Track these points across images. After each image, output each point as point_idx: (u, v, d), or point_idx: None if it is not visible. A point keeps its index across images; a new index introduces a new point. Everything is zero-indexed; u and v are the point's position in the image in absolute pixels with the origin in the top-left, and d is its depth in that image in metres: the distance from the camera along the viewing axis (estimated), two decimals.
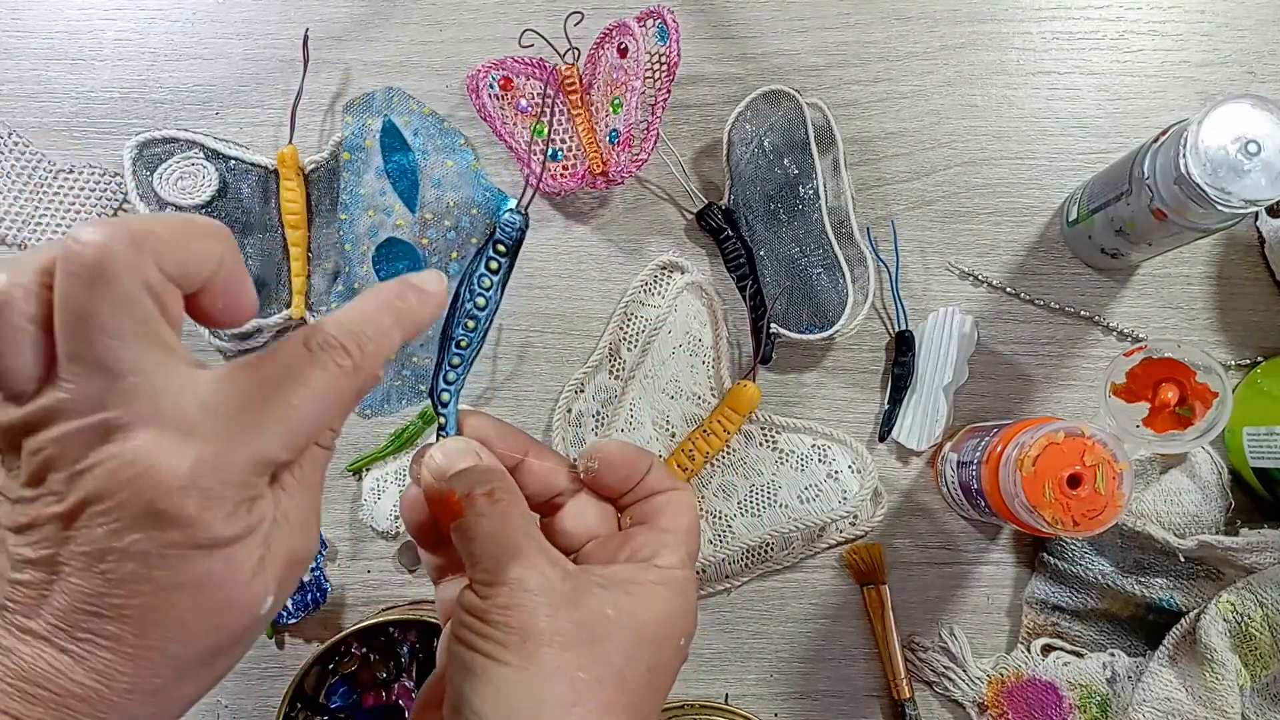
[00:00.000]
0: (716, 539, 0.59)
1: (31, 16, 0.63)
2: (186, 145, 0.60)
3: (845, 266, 0.59)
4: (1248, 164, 0.47)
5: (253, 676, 0.60)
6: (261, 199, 0.61)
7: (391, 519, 0.59)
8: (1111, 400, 0.53)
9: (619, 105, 0.58)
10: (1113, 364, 0.53)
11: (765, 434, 0.60)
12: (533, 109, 0.61)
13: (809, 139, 0.59)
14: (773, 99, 0.60)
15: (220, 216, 0.59)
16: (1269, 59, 0.63)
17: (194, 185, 0.59)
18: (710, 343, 0.60)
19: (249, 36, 0.63)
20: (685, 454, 0.59)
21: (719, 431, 0.59)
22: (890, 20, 0.63)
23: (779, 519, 0.58)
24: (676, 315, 0.58)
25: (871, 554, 0.60)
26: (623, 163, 0.58)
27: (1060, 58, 0.63)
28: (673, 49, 0.57)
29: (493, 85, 0.60)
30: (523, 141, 0.60)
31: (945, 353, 0.60)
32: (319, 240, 0.61)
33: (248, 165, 0.61)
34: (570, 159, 0.60)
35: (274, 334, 0.61)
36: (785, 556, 0.60)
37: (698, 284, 0.59)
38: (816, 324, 0.59)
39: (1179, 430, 0.53)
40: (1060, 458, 0.49)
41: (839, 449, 0.59)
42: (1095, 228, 0.58)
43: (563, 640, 0.32)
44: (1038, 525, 0.50)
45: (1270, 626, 0.55)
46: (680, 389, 0.60)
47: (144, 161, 0.59)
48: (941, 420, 0.60)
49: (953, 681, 0.59)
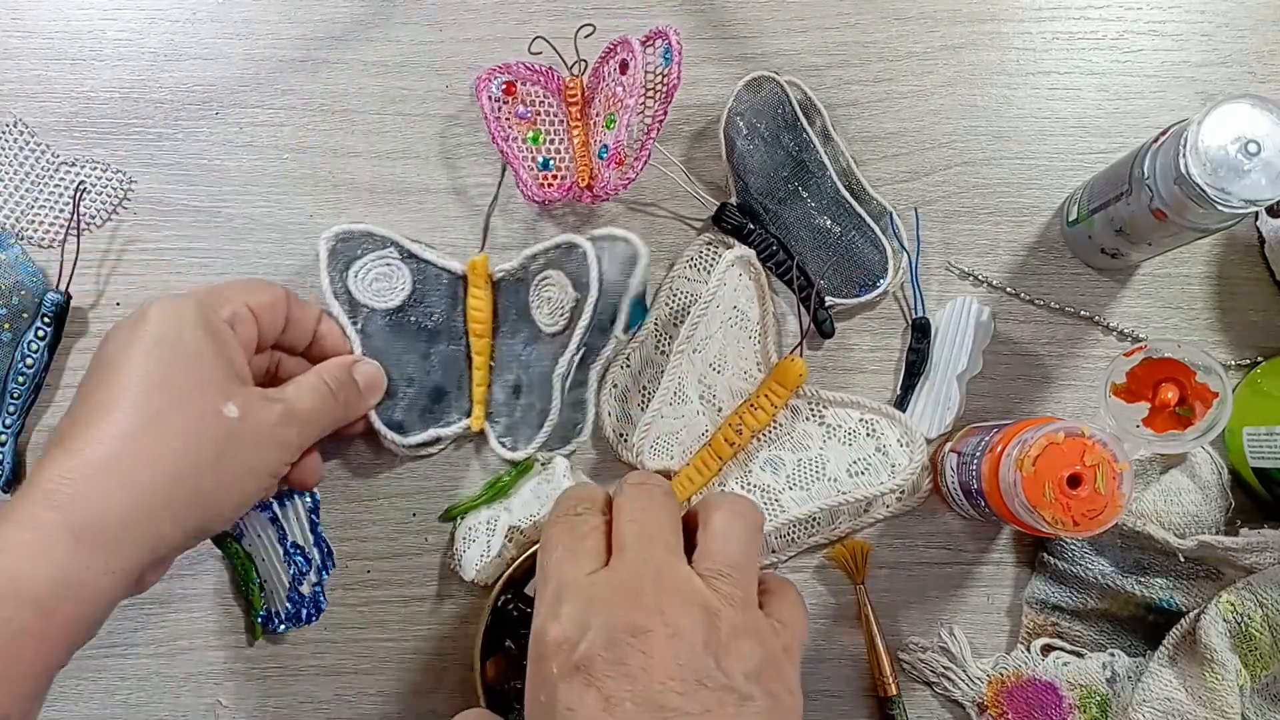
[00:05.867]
0: (765, 513, 0.59)
1: (31, 16, 0.63)
2: (383, 243, 0.58)
3: (871, 221, 0.60)
4: (1248, 164, 0.48)
5: (253, 676, 0.60)
6: (449, 305, 0.60)
7: (476, 568, 0.58)
8: (1111, 400, 0.53)
9: (613, 122, 0.58)
10: (1113, 364, 0.53)
11: (812, 408, 0.60)
12: (531, 116, 0.61)
13: (796, 113, 0.60)
14: (754, 86, 0.60)
15: (410, 321, 0.59)
16: (1269, 59, 0.63)
17: (388, 288, 0.58)
18: (756, 318, 0.60)
19: (249, 36, 0.63)
20: (732, 428, 0.60)
21: (766, 406, 0.59)
22: (890, 20, 0.63)
23: (828, 492, 0.58)
24: (724, 290, 0.58)
25: (854, 552, 0.60)
26: (610, 180, 0.58)
27: (1060, 58, 0.63)
28: (674, 71, 0.56)
29: (495, 89, 0.60)
30: (517, 147, 0.60)
31: (961, 341, 0.61)
32: (501, 351, 0.60)
33: (438, 269, 0.59)
34: (561, 170, 0.60)
35: (450, 443, 0.61)
36: (831, 530, 0.60)
37: (745, 258, 0.59)
38: (867, 283, 0.60)
39: (1179, 430, 0.53)
40: (1060, 457, 0.49)
41: (887, 423, 0.59)
42: (1095, 228, 0.58)
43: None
44: (1038, 525, 0.50)
45: (1270, 626, 0.55)
46: (726, 363, 0.60)
47: (338, 256, 0.58)
48: (953, 409, 0.60)
49: (952, 681, 0.60)
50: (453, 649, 0.61)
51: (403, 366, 0.59)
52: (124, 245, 0.62)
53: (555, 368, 0.57)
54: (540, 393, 0.58)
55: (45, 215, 0.61)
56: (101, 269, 0.62)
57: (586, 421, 0.60)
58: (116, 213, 0.62)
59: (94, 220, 0.62)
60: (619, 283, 0.56)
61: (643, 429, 0.58)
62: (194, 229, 0.62)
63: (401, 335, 0.59)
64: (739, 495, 0.51)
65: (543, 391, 0.58)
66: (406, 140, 0.62)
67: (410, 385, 0.59)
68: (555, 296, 0.57)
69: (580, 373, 0.59)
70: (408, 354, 0.59)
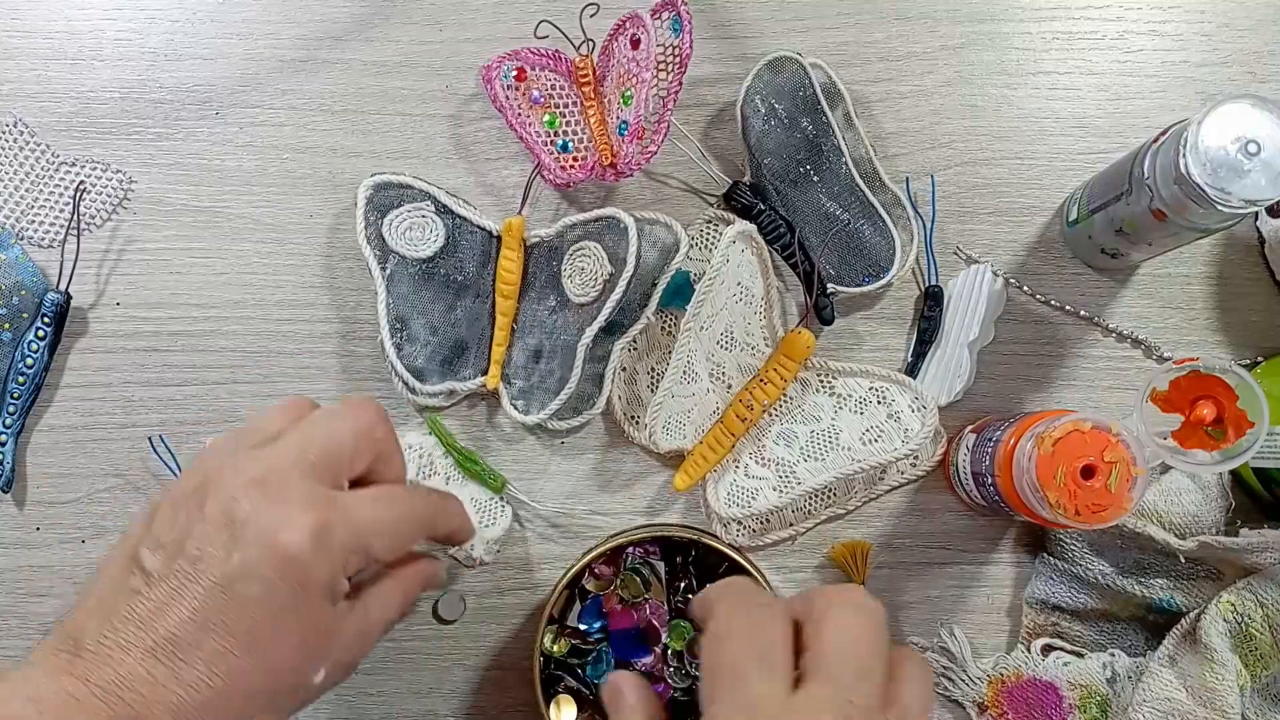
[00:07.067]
0: (781, 486, 0.59)
1: (31, 16, 0.63)
2: (420, 195, 0.60)
3: (884, 211, 0.60)
4: (1248, 164, 0.47)
5: None
6: (480, 262, 0.60)
7: None
8: (1147, 405, 0.52)
9: (629, 98, 0.58)
10: (1159, 369, 0.52)
11: (821, 380, 0.60)
12: (545, 100, 0.61)
13: (818, 96, 0.60)
14: (775, 67, 0.60)
15: (440, 273, 0.60)
16: (1269, 59, 0.63)
17: (421, 238, 0.59)
18: (761, 293, 0.60)
19: (249, 36, 0.63)
20: (744, 404, 0.60)
21: (775, 380, 0.60)
22: (890, 20, 0.63)
23: (843, 461, 0.58)
24: (728, 266, 0.58)
25: (854, 552, 0.60)
26: (632, 155, 0.58)
27: (1060, 58, 0.63)
28: (685, 40, 0.57)
29: (507, 76, 0.60)
30: (535, 133, 0.60)
31: (973, 310, 0.61)
32: (526, 314, 0.61)
33: (474, 226, 0.60)
34: (581, 150, 0.61)
35: (465, 397, 0.61)
36: (847, 500, 0.61)
37: (746, 233, 0.59)
38: (871, 273, 0.60)
39: (1205, 451, 0.52)
40: (1081, 445, 0.49)
41: (898, 389, 0.59)
42: (1095, 228, 0.58)
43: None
44: (1039, 508, 0.50)
45: (1270, 626, 0.55)
46: (734, 340, 0.60)
47: (375, 204, 0.59)
48: (964, 377, 0.61)
49: (953, 682, 0.60)
50: (453, 649, 0.61)
51: (428, 315, 0.59)
52: (124, 245, 0.62)
53: (580, 337, 0.57)
54: (562, 359, 0.58)
55: (45, 215, 0.61)
56: (101, 269, 0.62)
57: (601, 396, 0.60)
58: (116, 213, 0.62)
59: (94, 220, 0.62)
60: (655, 266, 0.57)
61: (654, 409, 0.58)
62: (194, 229, 0.62)
63: (430, 284, 0.59)
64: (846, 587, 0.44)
65: (565, 359, 0.58)
66: (406, 140, 0.62)
67: (434, 334, 0.59)
68: (589, 268, 0.58)
69: (603, 347, 0.59)
70: (435, 304, 0.60)
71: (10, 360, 0.59)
